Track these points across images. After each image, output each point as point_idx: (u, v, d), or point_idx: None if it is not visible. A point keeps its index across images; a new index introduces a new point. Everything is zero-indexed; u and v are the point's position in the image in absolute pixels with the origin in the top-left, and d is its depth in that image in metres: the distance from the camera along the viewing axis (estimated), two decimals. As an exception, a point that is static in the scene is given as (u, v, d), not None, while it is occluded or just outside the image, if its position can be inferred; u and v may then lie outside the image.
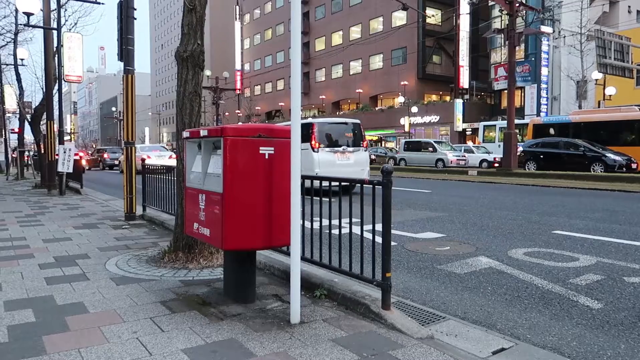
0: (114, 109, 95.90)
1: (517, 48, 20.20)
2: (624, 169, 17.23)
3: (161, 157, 20.71)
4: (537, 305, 3.41)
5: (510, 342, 2.65)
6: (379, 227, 2.96)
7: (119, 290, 3.58)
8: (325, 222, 3.60)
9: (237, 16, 67.48)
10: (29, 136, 26.15)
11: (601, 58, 20.69)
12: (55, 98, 13.27)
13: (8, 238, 5.80)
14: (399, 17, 43.00)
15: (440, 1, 43.98)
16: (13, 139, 26.85)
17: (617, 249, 5.17)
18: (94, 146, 79.11)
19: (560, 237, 5.81)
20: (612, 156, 17.62)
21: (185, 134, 3.56)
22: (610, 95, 27.48)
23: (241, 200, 2.96)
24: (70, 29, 15.31)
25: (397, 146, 38.30)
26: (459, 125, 39.38)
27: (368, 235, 3.20)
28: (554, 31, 33.92)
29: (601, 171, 17.35)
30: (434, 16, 44.13)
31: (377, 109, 48.59)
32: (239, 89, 60.63)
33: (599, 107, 26.92)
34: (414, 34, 42.63)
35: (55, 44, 13.23)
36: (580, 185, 13.57)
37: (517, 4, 19.32)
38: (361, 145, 11.52)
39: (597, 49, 20.74)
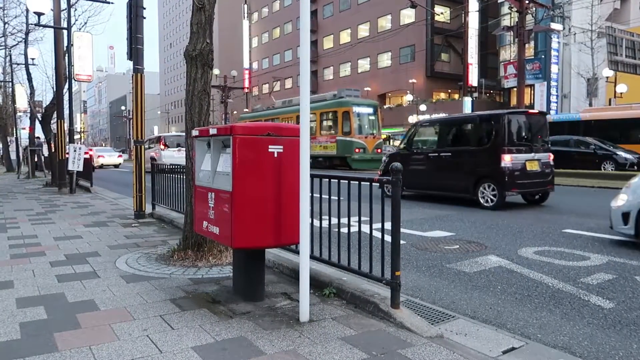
0: (123, 107, 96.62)
1: (526, 45, 19.99)
2: (635, 167, 17.03)
3: (112, 157, 31.95)
4: (548, 304, 3.38)
5: (520, 341, 2.64)
6: (387, 225, 2.95)
7: (129, 288, 3.61)
8: (334, 220, 3.60)
9: (245, 15, 67.60)
10: (40, 135, 26.48)
11: (612, 55, 20.46)
12: (66, 97, 13.39)
13: (20, 236, 5.86)
14: (408, 15, 42.78)
15: (449, -2, 43.77)
16: (24, 138, 27.12)
17: (629, 248, 5.11)
18: (103, 145, 79.89)
19: (571, 236, 5.76)
20: (623, 154, 17.43)
21: (195, 132, 3.57)
22: (621, 93, 27.14)
23: (250, 199, 2.97)
24: (80, 29, 15.41)
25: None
26: (468, 123, 39.10)
27: (377, 234, 3.19)
28: (564, 28, 33.58)
29: (612, 169, 17.14)
30: (442, 14, 43.83)
31: (385, 107, 48.41)
32: (247, 88, 60.74)
33: (609, 104, 26.62)
34: (423, 32, 42.42)
35: (65, 44, 13.33)
36: (590, 183, 13.45)
37: (527, 1, 19.12)
38: None
39: (608, 46, 20.53)
